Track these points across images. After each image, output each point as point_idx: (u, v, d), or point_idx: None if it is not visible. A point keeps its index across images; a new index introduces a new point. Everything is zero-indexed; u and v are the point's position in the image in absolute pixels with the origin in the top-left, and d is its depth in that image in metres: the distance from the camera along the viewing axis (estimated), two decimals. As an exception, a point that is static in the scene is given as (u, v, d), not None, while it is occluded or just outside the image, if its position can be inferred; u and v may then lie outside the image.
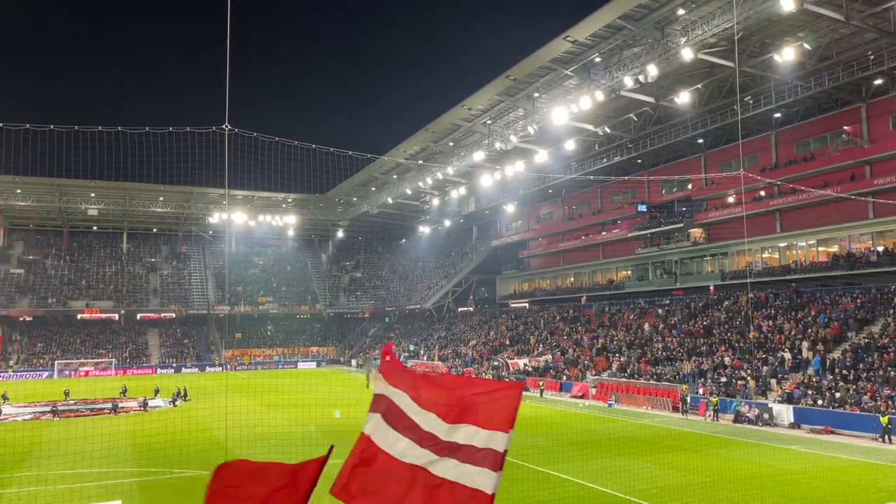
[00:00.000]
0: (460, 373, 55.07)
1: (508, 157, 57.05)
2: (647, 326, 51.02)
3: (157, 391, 44.86)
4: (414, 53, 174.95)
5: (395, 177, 71.73)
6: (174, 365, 71.97)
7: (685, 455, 24.61)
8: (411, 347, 74.38)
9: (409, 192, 71.04)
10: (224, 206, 76.54)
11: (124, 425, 33.00)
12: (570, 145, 54.14)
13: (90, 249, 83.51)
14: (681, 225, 54.71)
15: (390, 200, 74.73)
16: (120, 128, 33.98)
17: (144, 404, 39.83)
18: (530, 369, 51.66)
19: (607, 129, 52.45)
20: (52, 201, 72.40)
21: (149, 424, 31.86)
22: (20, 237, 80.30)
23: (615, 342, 50.86)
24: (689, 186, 55.39)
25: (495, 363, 55.70)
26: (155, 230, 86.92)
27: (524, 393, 46.77)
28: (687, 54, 37.14)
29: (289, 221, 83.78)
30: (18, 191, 70.17)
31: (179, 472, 22.06)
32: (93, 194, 72.42)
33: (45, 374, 65.81)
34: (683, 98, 43.98)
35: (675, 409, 36.45)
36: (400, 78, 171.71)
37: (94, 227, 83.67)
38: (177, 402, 41.69)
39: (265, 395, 46.46)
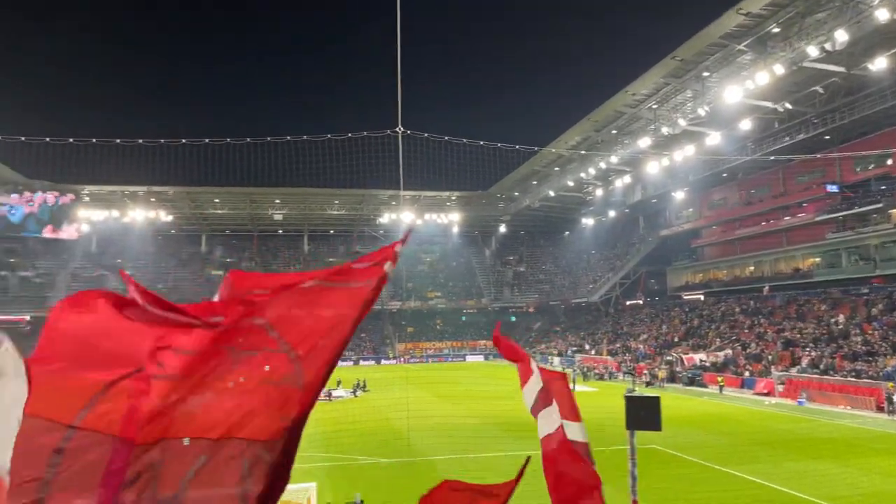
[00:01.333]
0: (632, 369, 53.47)
1: (676, 141, 54.38)
2: (841, 318, 46.40)
3: (338, 382, 47.94)
4: (565, 42, 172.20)
5: (556, 169, 71.04)
6: (353, 358, 76.55)
7: (894, 460, 22.13)
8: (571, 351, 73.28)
9: (571, 183, 70.05)
10: (393, 207, 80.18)
11: (312, 413, 35.67)
12: (746, 125, 50.48)
13: (276, 251, 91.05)
14: (880, 205, 49.09)
15: (552, 193, 74.13)
16: (305, 137, 36.66)
17: (329, 394, 42.75)
18: (708, 364, 48.95)
19: (788, 105, 48.26)
20: (244, 209, 79.95)
21: (334, 413, 34.16)
22: (219, 242, 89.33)
23: (804, 335, 46.78)
24: (889, 162, 49.53)
25: (669, 358, 53.42)
26: (332, 231, 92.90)
27: (702, 389, 44.53)
28: (882, 15, 33.24)
29: (453, 219, 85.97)
30: (216, 200, 78.17)
31: (364, 459, 23.44)
32: (277, 200, 78.92)
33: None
34: (879, 64, 39.32)
35: (880, 408, 32.85)
36: (556, 69, 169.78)
37: (280, 231, 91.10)
38: (357, 393, 44.34)
39: (438, 387, 48.10)
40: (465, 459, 22.93)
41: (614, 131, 59.09)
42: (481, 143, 48.01)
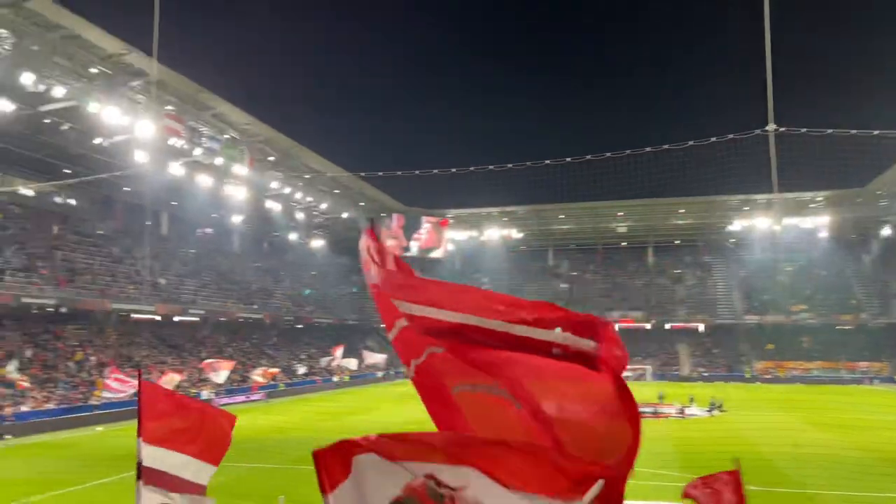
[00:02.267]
0: None
1: None
2: None
3: (691, 399, 45.75)
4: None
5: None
6: (705, 375, 72.37)
7: None
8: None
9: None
10: (745, 213, 74.18)
11: (665, 430, 34.56)
12: None
13: (621, 264, 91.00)
14: None
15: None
16: (667, 146, 36.06)
17: (681, 411, 41.06)
18: None
19: None
20: (587, 223, 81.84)
21: (688, 432, 32.67)
22: (565, 256, 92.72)
23: None
24: None
25: None
26: (677, 242, 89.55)
27: None
28: None
29: (820, 222, 75.96)
30: (562, 216, 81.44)
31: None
32: (620, 213, 79.01)
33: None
34: None
35: None
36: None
37: (623, 243, 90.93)
38: (713, 412, 41.74)
39: (807, 413, 42.76)
40: (855, 498, 19.92)
41: None
42: (852, 132, 41.68)
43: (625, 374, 2.66)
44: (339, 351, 61.00)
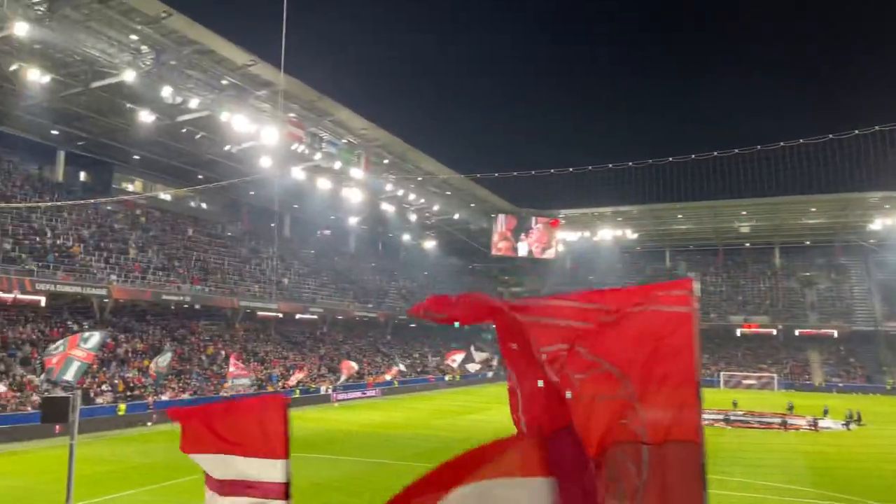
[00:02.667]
0: None
1: None
2: None
3: (825, 411, 42.68)
4: None
5: None
6: (839, 385, 67.23)
7: None
8: None
9: None
10: (886, 210, 68.28)
11: (796, 443, 32.45)
12: None
13: (744, 266, 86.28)
14: None
15: None
16: (801, 140, 33.98)
17: (814, 423, 38.39)
18: None
19: None
20: (707, 223, 78.09)
21: (821, 446, 30.52)
22: (682, 258, 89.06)
23: None
24: None
25: None
26: (807, 242, 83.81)
27: None
28: None
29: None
30: (679, 216, 78.25)
31: (862, 502, 20.22)
32: (743, 212, 74.88)
33: (714, 383, 70.58)
34: None
35: None
36: None
37: (747, 244, 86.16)
38: (850, 426, 38.69)
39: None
40: None
41: None
42: None
43: (749, 381, 2.72)
44: (458, 355, 61.16)
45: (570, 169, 50.97)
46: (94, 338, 25.41)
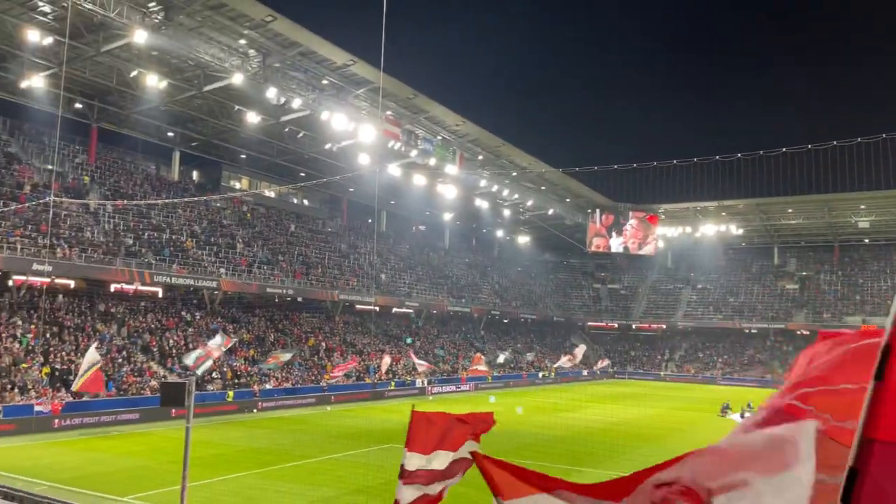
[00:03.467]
0: None
1: None
2: None
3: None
4: None
5: None
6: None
7: None
8: None
9: None
10: None
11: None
12: None
13: (862, 263, 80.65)
14: None
15: None
16: None
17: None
18: None
19: None
20: (822, 217, 73.47)
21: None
22: (793, 254, 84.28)
23: None
24: None
25: None
26: (935, 238, 77.34)
27: None
28: None
29: None
30: (789, 210, 74.06)
31: None
32: (862, 206, 70.00)
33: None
34: None
35: None
36: None
37: (866, 240, 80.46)
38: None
39: None
40: None
41: None
42: None
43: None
44: (578, 350, 59.76)
45: (675, 161, 49.15)
46: (228, 343, 28.43)
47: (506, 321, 74.14)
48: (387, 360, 47.75)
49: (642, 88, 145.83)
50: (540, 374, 64.69)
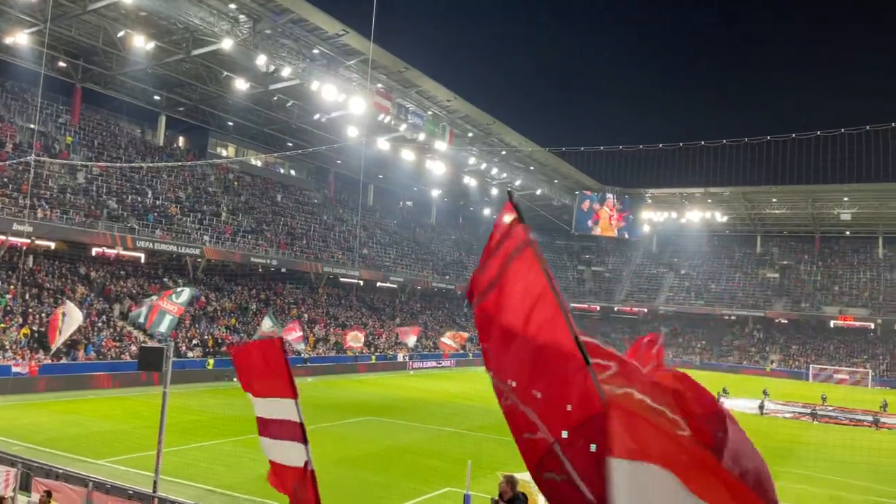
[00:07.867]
0: None
1: None
2: None
3: (923, 412, 40.15)
4: None
5: None
6: (942, 386, 63.01)
7: None
8: None
9: None
10: None
11: (888, 443, 30.76)
12: None
13: (842, 255, 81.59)
14: None
15: None
16: None
17: (876, 422, 36.25)
18: None
19: None
20: (805, 208, 74.10)
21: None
22: (775, 244, 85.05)
23: None
24: None
25: None
26: (915, 233, 78.29)
27: None
28: None
29: None
30: (774, 200, 74.60)
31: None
32: (845, 199, 70.64)
33: (801, 375, 67.67)
34: None
35: None
36: None
37: (847, 232, 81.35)
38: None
39: None
40: None
41: None
42: None
43: (840, 376, 2.33)
44: None
45: (660, 145, 49.32)
46: (185, 293, 26.71)
47: (489, 299, 74.38)
48: (412, 336, 48.10)
49: (637, 73, 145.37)
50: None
